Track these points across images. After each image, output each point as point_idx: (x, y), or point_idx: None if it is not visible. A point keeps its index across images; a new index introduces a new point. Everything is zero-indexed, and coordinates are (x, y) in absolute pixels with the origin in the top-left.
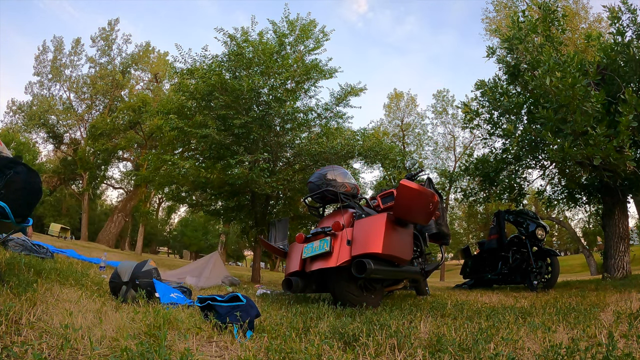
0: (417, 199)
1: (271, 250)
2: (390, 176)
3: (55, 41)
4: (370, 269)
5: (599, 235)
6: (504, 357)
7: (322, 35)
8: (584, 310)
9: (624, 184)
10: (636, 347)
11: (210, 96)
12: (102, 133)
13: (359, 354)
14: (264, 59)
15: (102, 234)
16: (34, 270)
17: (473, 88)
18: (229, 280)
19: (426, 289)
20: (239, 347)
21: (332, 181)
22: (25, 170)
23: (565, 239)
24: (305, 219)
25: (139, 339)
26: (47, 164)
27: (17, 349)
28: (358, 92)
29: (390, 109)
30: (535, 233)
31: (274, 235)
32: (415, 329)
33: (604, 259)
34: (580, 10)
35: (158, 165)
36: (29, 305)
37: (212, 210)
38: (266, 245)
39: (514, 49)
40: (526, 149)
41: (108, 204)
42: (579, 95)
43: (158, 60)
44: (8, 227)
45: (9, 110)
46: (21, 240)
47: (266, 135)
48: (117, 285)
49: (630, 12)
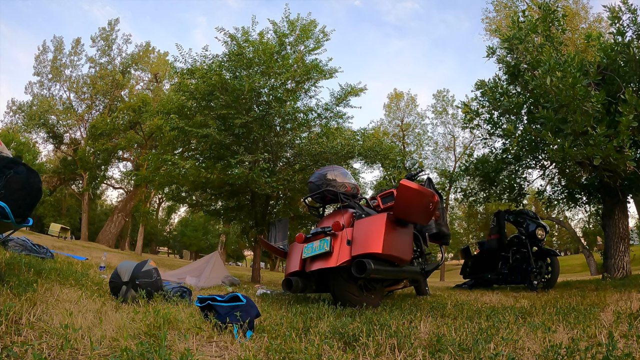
0: (417, 199)
1: (271, 250)
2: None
3: (55, 41)
4: (370, 269)
5: (599, 235)
6: (504, 357)
7: (323, 35)
8: (584, 310)
9: (624, 184)
10: (636, 347)
11: (210, 96)
12: (102, 133)
13: (359, 354)
14: (264, 59)
15: (102, 234)
16: (34, 270)
17: (473, 88)
18: (229, 280)
19: (426, 289)
20: (239, 347)
21: (332, 181)
22: (25, 170)
23: (565, 239)
24: (305, 219)
25: (139, 339)
26: (47, 164)
27: (17, 349)
28: (358, 92)
29: (390, 109)
30: (535, 233)
31: (274, 235)
32: (415, 329)
33: (604, 259)
34: (580, 10)
35: (158, 165)
36: (29, 305)
37: (212, 210)
38: (266, 245)
39: (514, 49)
40: (526, 149)
41: (108, 204)
42: (579, 95)
43: (158, 60)
44: (8, 227)
45: (9, 110)
46: (21, 240)
47: (266, 135)
48: (117, 285)
49: (631, 12)
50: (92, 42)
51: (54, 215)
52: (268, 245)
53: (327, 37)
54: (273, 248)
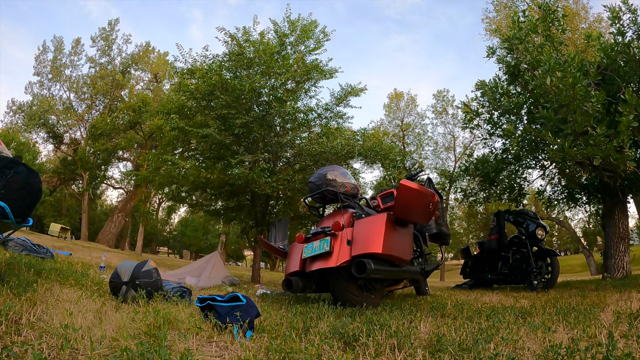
0: (417, 199)
1: (271, 250)
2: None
3: (55, 41)
4: (370, 269)
5: (599, 235)
6: (504, 357)
7: (323, 36)
8: (584, 310)
9: (624, 184)
10: (636, 347)
11: (210, 96)
12: (102, 133)
13: (359, 354)
14: (264, 59)
15: (102, 234)
16: (34, 270)
17: (473, 88)
18: (229, 280)
19: (426, 289)
20: (239, 347)
21: (332, 181)
22: (25, 170)
23: (565, 239)
24: (305, 219)
25: (139, 339)
26: (47, 164)
27: (17, 349)
28: (358, 92)
29: (390, 109)
30: (535, 233)
31: (274, 235)
32: (415, 329)
33: (604, 259)
34: (580, 10)
35: (158, 165)
36: (29, 305)
37: (212, 210)
38: (266, 245)
39: (514, 49)
40: (526, 149)
41: (108, 204)
42: (580, 95)
43: (158, 60)
44: (8, 227)
45: (9, 110)
46: (21, 240)
47: (266, 135)
48: (117, 285)
49: (631, 12)
50: (92, 42)
51: (54, 215)
52: (268, 245)
53: (327, 37)
54: (273, 248)
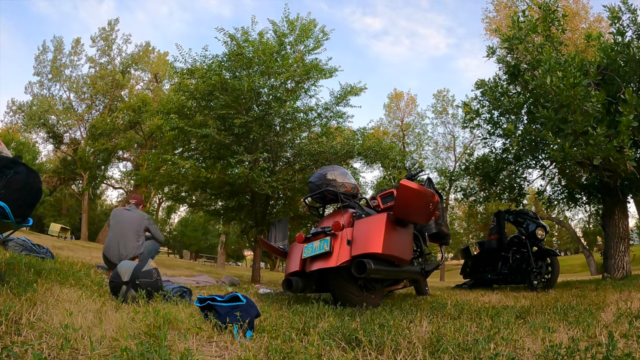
0: (417, 199)
1: (271, 250)
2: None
3: (55, 41)
4: (370, 269)
5: (599, 235)
6: (504, 357)
7: (322, 35)
8: (584, 310)
9: (624, 184)
10: (636, 347)
11: (210, 96)
12: (102, 133)
13: (358, 354)
14: (264, 59)
15: (102, 234)
16: (34, 270)
17: (473, 87)
18: (229, 280)
19: (426, 289)
20: (239, 347)
21: (332, 181)
22: (25, 170)
23: (565, 239)
24: (305, 219)
25: (139, 339)
26: (47, 164)
27: (17, 349)
28: (358, 92)
29: (390, 108)
30: (535, 233)
31: (274, 235)
32: (415, 329)
33: (604, 259)
34: (580, 10)
35: (158, 165)
36: (29, 305)
37: (212, 210)
38: (266, 245)
39: (514, 49)
40: (526, 148)
41: (108, 204)
42: (580, 95)
43: (158, 60)
44: (8, 227)
45: (9, 110)
46: (21, 240)
47: (266, 135)
48: (117, 285)
49: (631, 12)
50: (92, 42)
51: (54, 215)
52: (268, 245)
53: (326, 36)
54: (273, 248)
